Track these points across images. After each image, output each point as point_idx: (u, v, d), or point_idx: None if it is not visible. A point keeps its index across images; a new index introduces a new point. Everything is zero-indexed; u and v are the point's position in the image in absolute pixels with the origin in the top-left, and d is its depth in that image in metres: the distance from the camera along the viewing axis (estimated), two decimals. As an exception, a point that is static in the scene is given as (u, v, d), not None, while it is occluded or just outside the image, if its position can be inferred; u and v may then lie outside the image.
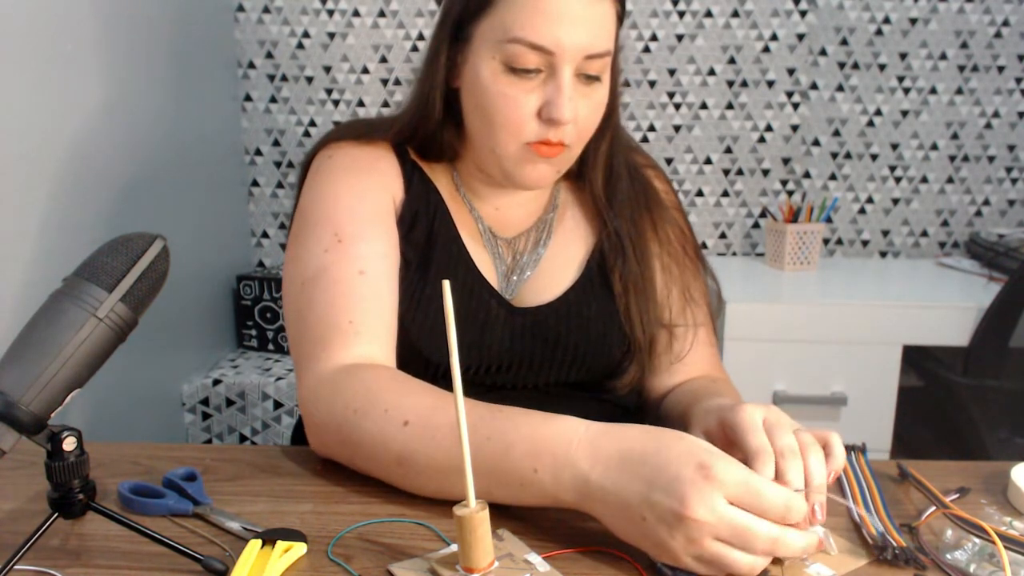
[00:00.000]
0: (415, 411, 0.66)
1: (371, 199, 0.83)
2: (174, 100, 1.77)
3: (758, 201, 2.20)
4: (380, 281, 0.79)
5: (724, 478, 0.52)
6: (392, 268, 0.82)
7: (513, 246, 0.90)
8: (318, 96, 2.17)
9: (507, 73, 0.77)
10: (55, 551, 0.59)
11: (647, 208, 0.92)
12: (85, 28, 1.44)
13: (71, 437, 0.55)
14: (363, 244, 0.80)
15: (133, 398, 1.63)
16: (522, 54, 0.75)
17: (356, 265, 0.78)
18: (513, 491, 0.62)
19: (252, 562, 0.56)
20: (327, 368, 0.73)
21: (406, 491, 0.68)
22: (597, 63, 0.78)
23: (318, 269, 0.78)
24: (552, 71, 0.77)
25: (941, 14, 2.07)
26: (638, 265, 0.89)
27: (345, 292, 0.77)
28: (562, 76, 0.76)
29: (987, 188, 2.17)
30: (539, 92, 0.77)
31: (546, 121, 0.77)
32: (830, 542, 0.59)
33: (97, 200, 1.48)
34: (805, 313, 1.70)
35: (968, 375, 1.66)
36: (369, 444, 0.68)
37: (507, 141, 0.80)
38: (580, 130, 0.81)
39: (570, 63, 0.76)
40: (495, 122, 0.79)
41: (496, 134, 0.80)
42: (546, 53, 0.75)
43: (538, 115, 0.78)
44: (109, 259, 0.56)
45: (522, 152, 0.80)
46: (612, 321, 0.88)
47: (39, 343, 0.53)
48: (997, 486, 0.70)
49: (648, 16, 2.10)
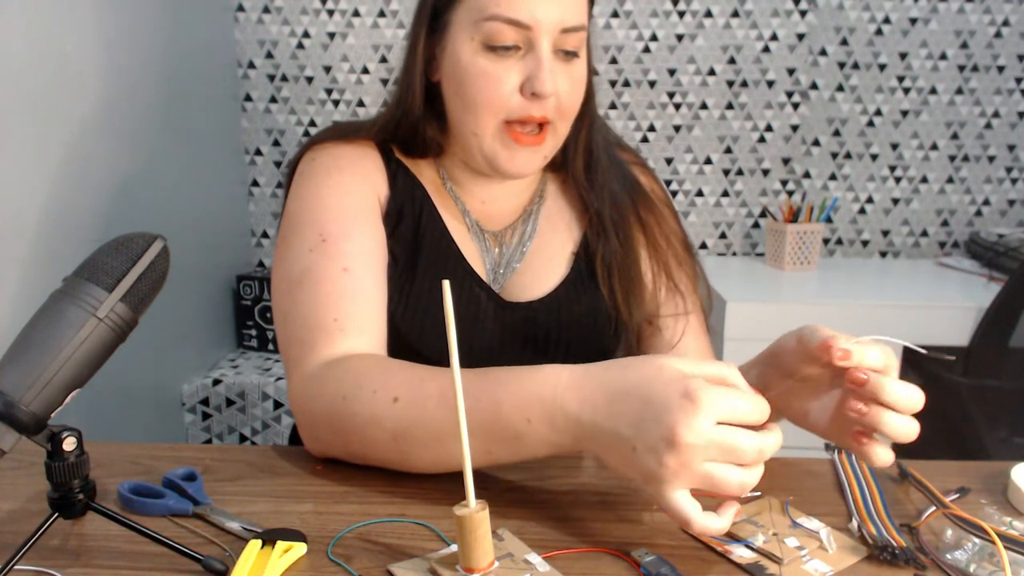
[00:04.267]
0: (403, 387, 0.67)
1: (354, 197, 0.84)
2: (174, 100, 1.77)
3: (758, 201, 2.20)
4: (365, 277, 0.79)
5: (709, 402, 0.53)
6: (379, 263, 0.82)
7: (500, 239, 0.91)
8: (318, 96, 2.17)
9: (486, 52, 0.78)
10: (55, 551, 0.59)
11: (629, 196, 0.93)
12: (85, 28, 1.44)
13: (71, 437, 0.55)
14: (347, 242, 0.80)
15: (133, 398, 1.63)
16: (500, 31, 0.77)
17: (340, 263, 0.78)
18: (512, 446, 0.63)
19: (252, 562, 0.56)
20: (313, 366, 0.73)
21: (406, 471, 0.68)
22: (573, 37, 0.79)
23: (303, 270, 0.79)
24: (530, 46, 0.78)
25: (941, 14, 2.07)
26: (621, 247, 0.90)
27: (329, 291, 0.77)
28: (541, 49, 0.77)
29: (987, 188, 2.17)
30: (519, 68, 0.79)
31: (529, 96, 0.78)
32: (829, 541, 0.59)
33: (97, 200, 1.48)
34: (805, 313, 1.70)
35: (968, 375, 1.66)
36: (361, 427, 0.68)
37: (487, 120, 0.80)
38: (562, 107, 0.81)
39: (547, 36, 0.77)
40: (476, 102, 0.80)
41: (477, 114, 0.80)
42: (523, 28, 0.77)
43: (520, 91, 0.79)
44: (109, 259, 0.56)
45: (502, 134, 0.81)
46: (601, 316, 0.88)
47: (39, 343, 0.53)
48: (997, 486, 0.70)
49: (648, 16, 2.10)
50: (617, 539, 0.61)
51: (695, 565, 0.58)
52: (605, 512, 0.65)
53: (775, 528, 0.61)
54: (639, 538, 0.61)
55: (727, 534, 0.60)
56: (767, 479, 0.71)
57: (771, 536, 0.60)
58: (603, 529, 0.62)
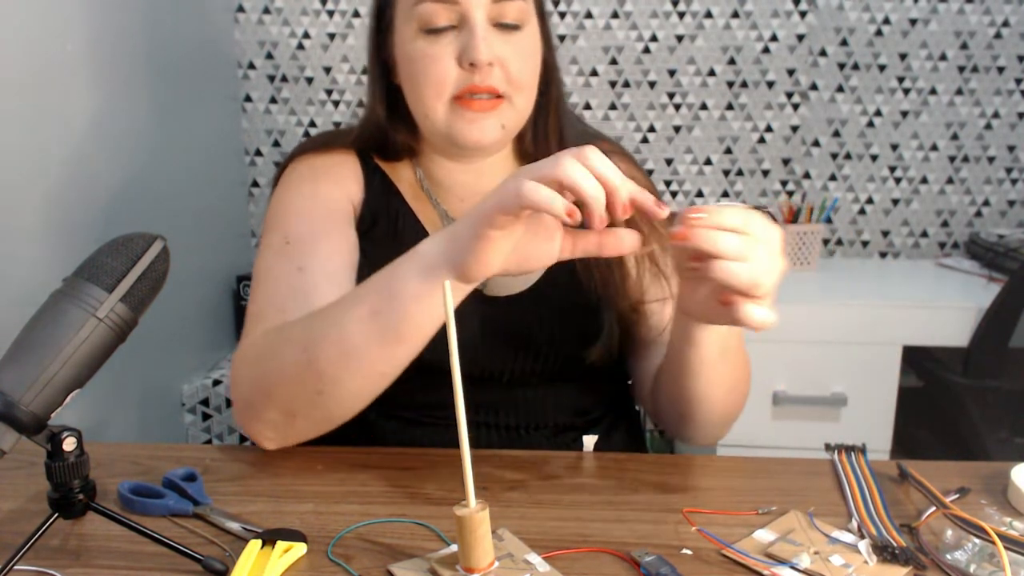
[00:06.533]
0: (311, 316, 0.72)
1: (322, 202, 0.87)
2: (174, 100, 1.77)
3: (758, 202, 2.20)
4: (319, 276, 0.82)
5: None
6: (339, 266, 0.84)
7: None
8: (318, 97, 2.17)
9: (424, 36, 0.81)
10: (55, 551, 0.59)
11: None
12: (85, 28, 1.44)
13: (71, 437, 0.56)
14: (308, 244, 0.83)
15: (133, 398, 1.63)
16: (432, 12, 0.79)
17: (296, 263, 0.82)
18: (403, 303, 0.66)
19: (252, 562, 0.56)
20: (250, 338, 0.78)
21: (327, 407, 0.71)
22: (510, 8, 0.80)
23: (264, 269, 0.84)
24: (464, 21, 0.80)
25: (941, 15, 2.07)
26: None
27: (279, 289, 0.81)
28: (473, 20, 0.79)
29: (987, 188, 2.17)
30: (456, 44, 0.80)
31: (467, 67, 0.79)
32: (869, 553, 0.59)
33: (97, 200, 1.48)
34: (805, 313, 1.70)
35: (968, 375, 1.66)
36: (273, 356, 0.72)
37: (434, 100, 0.81)
38: (512, 78, 0.81)
39: (479, 9, 0.79)
40: (421, 84, 0.82)
41: (424, 96, 0.82)
42: (452, 4, 0.79)
43: (459, 65, 0.80)
44: (109, 259, 0.56)
45: (451, 110, 0.82)
46: (582, 307, 0.88)
47: (39, 343, 0.53)
48: (997, 486, 0.70)
49: (648, 16, 2.10)
50: (617, 539, 0.61)
51: (695, 565, 0.58)
52: (605, 512, 0.65)
53: (814, 546, 0.60)
54: (639, 538, 0.61)
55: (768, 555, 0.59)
56: (768, 479, 0.72)
57: (814, 555, 0.59)
58: (603, 529, 0.62)
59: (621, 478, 0.72)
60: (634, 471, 0.73)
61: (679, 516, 0.64)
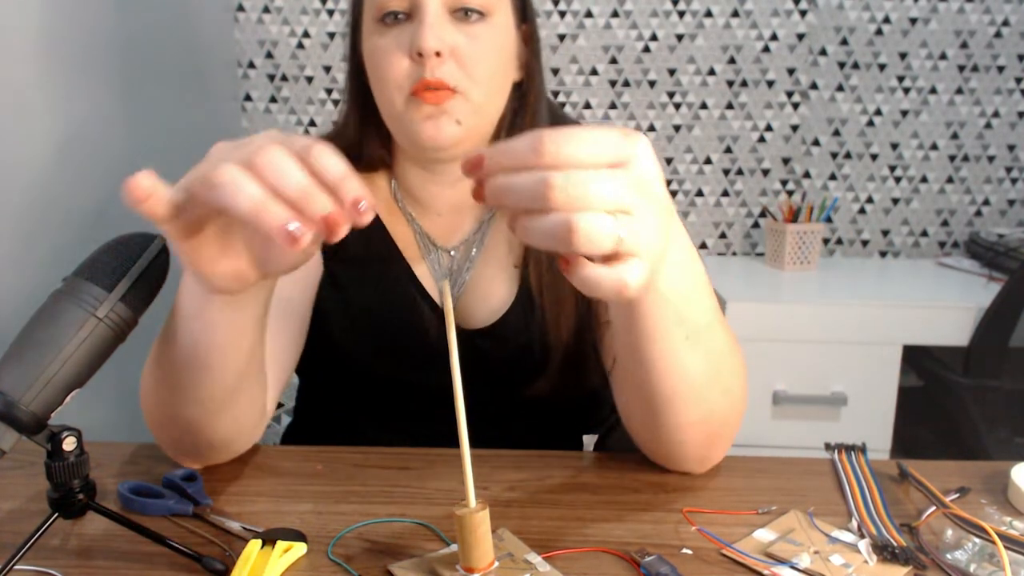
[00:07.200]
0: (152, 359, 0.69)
1: None
2: (174, 99, 1.77)
3: (758, 201, 2.20)
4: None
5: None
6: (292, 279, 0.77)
7: (453, 255, 0.86)
8: (318, 96, 2.17)
9: (380, 28, 0.76)
10: (55, 551, 0.59)
11: None
12: (85, 28, 1.44)
13: (71, 437, 0.55)
14: None
15: (133, 398, 1.63)
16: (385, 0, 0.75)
17: None
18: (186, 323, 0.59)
19: (252, 562, 0.56)
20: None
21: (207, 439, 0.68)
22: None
23: None
24: (415, 8, 0.74)
25: (941, 14, 2.07)
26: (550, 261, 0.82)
27: None
28: (424, 6, 0.73)
29: (987, 188, 2.17)
30: (408, 34, 0.74)
31: (416, 58, 0.73)
32: (869, 553, 0.59)
33: (97, 199, 1.48)
34: (805, 313, 1.70)
35: (968, 375, 1.66)
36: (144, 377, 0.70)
37: (393, 95, 0.76)
38: (468, 69, 0.74)
39: None
40: (379, 79, 0.77)
41: (384, 92, 0.77)
42: None
43: (409, 56, 0.74)
44: (109, 259, 0.56)
45: (409, 105, 0.75)
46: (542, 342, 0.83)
47: (39, 343, 0.53)
48: (997, 486, 0.70)
49: (648, 16, 2.10)
50: (617, 539, 0.61)
51: (695, 565, 0.58)
52: (605, 512, 0.65)
53: (814, 545, 0.60)
54: (639, 538, 0.61)
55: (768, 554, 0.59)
56: (768, 478, 0.72)
57: (814, 555, 0.58)
58: (603, 529, 0.62)
59: (621, 478, 0.72)
60: (634, 471, 0.73)
61: (679, 516, 0.64)
